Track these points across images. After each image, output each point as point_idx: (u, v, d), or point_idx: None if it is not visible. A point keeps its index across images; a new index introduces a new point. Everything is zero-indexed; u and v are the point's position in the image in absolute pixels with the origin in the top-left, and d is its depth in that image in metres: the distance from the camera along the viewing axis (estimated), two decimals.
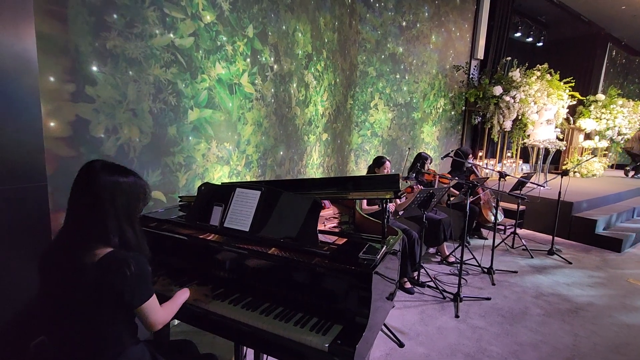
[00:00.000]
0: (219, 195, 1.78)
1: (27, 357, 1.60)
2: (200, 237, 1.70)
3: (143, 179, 1.19)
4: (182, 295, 1.37)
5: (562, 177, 4.25)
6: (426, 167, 3.99)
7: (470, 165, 4.29)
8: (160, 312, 1.17)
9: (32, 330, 1.61)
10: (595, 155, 8.02)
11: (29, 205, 1.59)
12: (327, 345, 1.25)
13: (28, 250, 1.57)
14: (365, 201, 3.15)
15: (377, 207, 3.08)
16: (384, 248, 1.53)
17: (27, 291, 1.57)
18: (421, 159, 3.97)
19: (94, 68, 2.01)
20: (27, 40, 1.52)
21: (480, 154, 6.90)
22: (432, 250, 4.15)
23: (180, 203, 2.19)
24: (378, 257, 1.41)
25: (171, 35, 2.36)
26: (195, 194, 1.88)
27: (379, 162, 3.38)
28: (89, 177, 1.10)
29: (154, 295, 1.15)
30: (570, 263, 4.05)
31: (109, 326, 1.12)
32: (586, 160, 7.28)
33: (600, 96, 8.28)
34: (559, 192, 4.22)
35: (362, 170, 4.82)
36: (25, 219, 1.57)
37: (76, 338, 1.15)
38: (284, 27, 3.25)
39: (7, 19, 1.45)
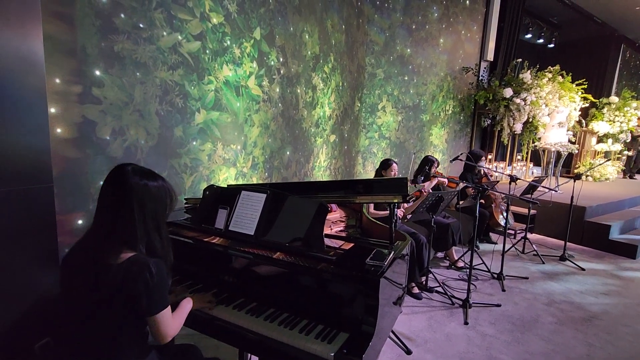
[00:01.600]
0: (224, 198, 1.76)
1: (31, 358, 1.59)
2: (205, 240, 1.68)
3: (170, 184, 1.18)
4: (188, 305, 1.34)
5: (574, 181, 4.15)
6: (433, 171, 3.93)
7: (482, 168, 4.22)
8: (171, 323, 1.15)
9: (36, 332, 1.61)
10: (609, 159, 7.84)
11: (35, 207, 1.58)
12: (332, 354, 1.21)
13: (33, 251, 1.57)
14: (372, 205, 3.11)
15: (386, 212, 3.03)
16: (391, 254, 1.49)
17: (32, 292, 1.57)
18: (428, 162, 3.92)
19: (101, 69, 2.01)
20: (34, 42, 1.52)
21: (489, 156, 6.80)
22: (440, 254, 4.08)
23: (185, 205, 2.18)
24: (386, 263, 1.38)
25: (178, 36, 2.36)
26: (201, 197, 1.86)
27: (385, 164, 3.34)
28: (120, 181, 1.08)
29: (169, 307, 1.12)
30: (583, 269, 3.94)
31: (120, 333, 1.11)
32: (600, 164, 7.12)
33: (614, 98, 8.10)
34: (572, 196, 4.12)
35: (370, 173, 4.77)
36: (31, 220, 1.57)
37: (87, 343, 1.14)
38: (291, 28, 3.24)
39: (14, 20, 1.45)
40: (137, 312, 1.07)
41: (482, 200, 4.18)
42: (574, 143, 6.70)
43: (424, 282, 3.20)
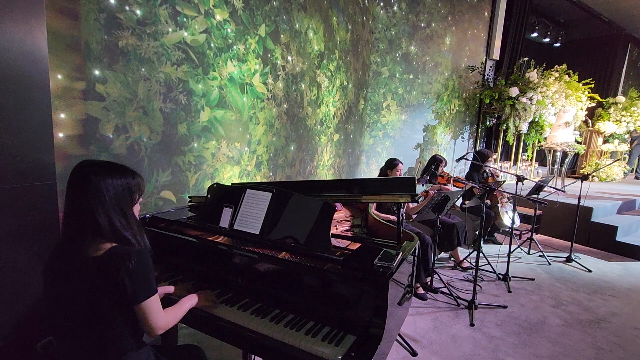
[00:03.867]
0: (229, 196, 1.74)
1: (33, 357, 1.58)
2: (209, 239, 1.65)
3: (133, 170, 1.18)
4: (189, 302, 1.32)
5: (582, 182, 4.09)
6: (440, 170, 3.89)
7: (489, 168, 4.18)
8: (161, 315, 1.13)
9: (39, 331, 1.59)
10: (617, 159, 7.76)
11: (39, 204, 1.56)
12: (340, 357, 1.18)
13: (37, 249, 1.55)
14: (374, 205, 3.07)
15: (388, 215, 2.98)
16: (400, 255, 1.46)
17: (35, 290, 1.55)
18: (436, 161, 3.88)
19: (105, 66, 1.98)
20: (38, 37, 1.50)
21: (494, 156, 6.74)
22: (444, 255, 4.04)
23: (190, 204, 2.15)
24: (394, 264, 1.34)
25: (183, 32, 2.33)
26: (205, 195, 1.84)
27: (391, 164, 3.30)
28: (78, 178, 1.10)
29: (157, 295, 1.11)
30: (590, 271, 3.90)
31: (112, 327, 1.10)
32: (607, 165, 7.05)
33: (621, 98, 8.01)
34: (579, 197, 4.07)
35: (374, 172, 4.74)
36: (35, 217, 1.55)
37: (80, 338, 1.13)
38: (296, 26, 3.20)
39: (18, 15, 1.43)
40: (123, 302, 1.07)
41: (488, 201, 4.14)
42: (580, 143, 6.63)
43: (429, 283, 3.17)
